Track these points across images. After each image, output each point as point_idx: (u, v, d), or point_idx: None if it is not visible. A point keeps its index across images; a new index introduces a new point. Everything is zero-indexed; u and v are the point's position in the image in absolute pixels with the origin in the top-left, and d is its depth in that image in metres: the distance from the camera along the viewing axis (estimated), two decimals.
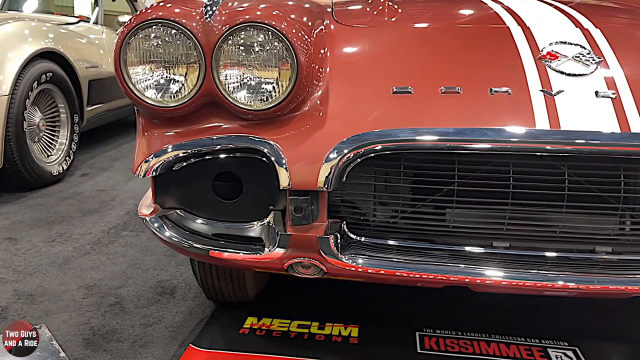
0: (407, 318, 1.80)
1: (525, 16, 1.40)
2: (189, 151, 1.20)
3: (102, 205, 3.02)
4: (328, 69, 1.26)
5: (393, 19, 1.44)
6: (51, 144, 3.53)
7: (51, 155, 3.49)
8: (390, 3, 1.54)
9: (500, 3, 1.53)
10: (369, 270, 1.22)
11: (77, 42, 3.92)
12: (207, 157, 1.26)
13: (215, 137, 1.19)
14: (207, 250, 1.26)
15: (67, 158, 3.58)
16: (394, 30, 1.39)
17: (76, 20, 4.35)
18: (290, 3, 1.35)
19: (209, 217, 1.31)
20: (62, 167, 3.50)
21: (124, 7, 5.24)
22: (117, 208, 2.96)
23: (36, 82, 3.18)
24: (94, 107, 4.09)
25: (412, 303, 1.89)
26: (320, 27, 1.34)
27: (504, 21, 1.38)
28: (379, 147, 1.11)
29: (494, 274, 1.23)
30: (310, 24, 1.31)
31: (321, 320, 1.79)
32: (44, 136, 3.46)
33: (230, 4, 1.19)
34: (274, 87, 1.15)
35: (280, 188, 1.16)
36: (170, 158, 1.21)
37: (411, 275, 1.23)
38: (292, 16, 1.21)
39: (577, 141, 1.09)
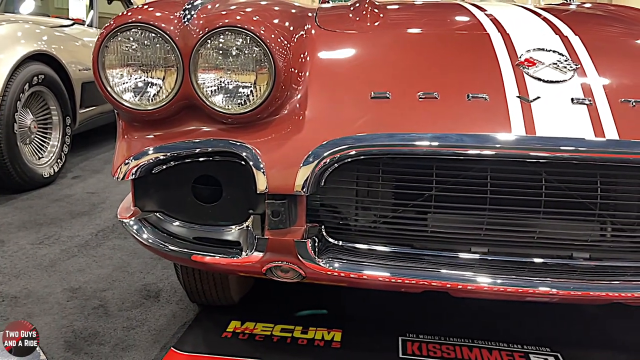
0: (391, 322, 1.80)
1: (506, 23, 1.41)
2: (167, 154, 1.21)
3: (92, 207, 3.02)
4: (307, 73, 1.26)
5: (375, 25, 1.45)
6: (43, 146, 3.52)
7: (42, 157, 3.48)
8: (373, 9, 1.55)
9: (483, 10, 1.54)
10: (347, 275, 1.22)
11: (70, 45, 3.93)
12: (187, 161, 1.27)
13: (193, 141, 1.20)
14: (186, 254, 1.26)
15: (59, 160, 3.57)
16: (374, 35, 1.40)
17: (71, 22, 4.35)
18: (271, 7, 1.36)
19: (188, 220, 1.32)
20: (54, 170, 3.49)
21: (120, 9, 5.25)
22: (107, 210, 2.95)
23: (27, 84, 3.19)
24: (87, 109, 4.09)
25: (396, 307, 1.89)
26: (301, 32, 1.35)
27: (484, 28, 1.39)
28: (353, 152, 1.11)
29: (472, 280, 1.23)
30: (291, 28, 1.32)
31: (305, 325, 1.78)
32: (35, 138, 3.46)
33: (209, 8, 1.20)
34: (251, 91, 1.16)
35: (258, 192, 1.16)
36: (150, 161, 1.22)
37: (389, 280, 1.23)
38: (271, 20, 1.22)
39: (550, 148, 1.09)
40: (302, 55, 1.28)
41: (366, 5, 1.57)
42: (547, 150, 1.09)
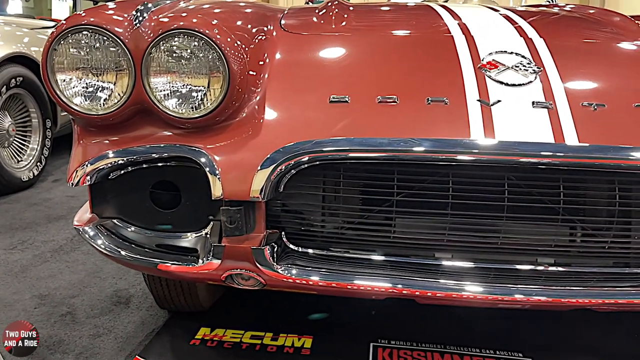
0: (363, 328, 1.78)
1: (472, 25, 1.39)
2: (121, 159, 1.18)
3: (70, 211, 2.98)
4: (267, 76, 1.24)
5: (339, 28, 1.42)
6: (22, 149, 3.48)
7: (21, 160, 3.44)
8: (339, 11, 1.52)
9: (452, 12, 1.52)
10: (307, 282, 1.19)
11: None
12: (143, 166, 1.24)
13: (148, 146, 1.17)
14: (141, 261, 1.23)
15: (39, 163, 3.53)
16: (337, 38, 1.38)
17: (54, 24, 4.31)
18: (229, 9, 1.34)
19: (147, 227, 1.29)
20: (33, 173, 3.45)
21: None
22: None
23: (5, 86, 3.15)
24: None
25: (369, 313, 1.86)
26: (262, 34, 1.33)
27: (449, 30, 1.37)
28: (306, 158, 1.09)
29: (435, 286, 1.21)
30: (252, 30, 1.29)
31: (275, 331, 1.76)
32: (14, 141, 3.42)
33: (162, 10, 1.17)
34: (205, 96, 1.13)
35: (213, 198, 1.13)
36: (104, 166, 1.19)
37: (349, 287, 1.21)
38: (227, 23, 1.19)
39: (506, 152, 1.07)
40: (261, 58, 1.26)
41: (333, 7, 1.55)
42: (503, 155, 1.07)
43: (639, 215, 1.25)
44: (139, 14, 1.13)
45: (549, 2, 2.90)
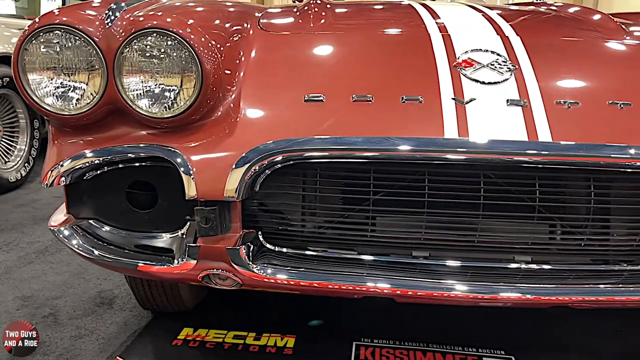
0: (347, 327, 1.78)
1: (449, 24, 1.39)
2: (92, 160, 1.17)
3: None
4: (242, 75, 1.23)
5: (317, 26, 1.42)
6: (9, 150, 3.46)
7: (9, 161, 3.42)
8: (318, 10, 1.52)
9: (431, 10, 1.52)
10: (284, 282, 1.19)
11: None
12: (119, 166, 1.23)
13: (122, 146, 1.16)
14: (118, 262, 1.22)
15: (26, 164, 3.51)
16: (314, 37, 1.37)
17: None
18: (203, 8, 1.33)
19: (124, 227, 1.28)
20: (21, 174, 3.43)
21: None
22: None
23: None
24: None
25: (354, 312, 1.86)
26: (239, 32, 1.32)
27: (427, 29, 1.36)
28: (279, 157, 1.09)
29: (412, 285, 1.20)
30: (227, 28, 1.29)
31: (259, 331, 1.76)
32: (1, 142, 3.40)
33: (134, 9, 1.16)
34: (178, 95, 1.13)
35: (187, 198, 1.13)
36: (77, 167, 1.18)
37: (327, 287, 1.20)
38: (201, 22, 1.19)
39: (478, 150, 1.07)
40: (237, 57, 1.26)
41: (312, 7, 1.55)
42: (476, 153, 1.07)
43: (616, 213, 1.25)
44: (110, 13, 1.13)
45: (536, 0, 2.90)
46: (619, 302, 1.22)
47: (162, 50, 1.11)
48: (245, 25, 1.37)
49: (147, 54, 1.11)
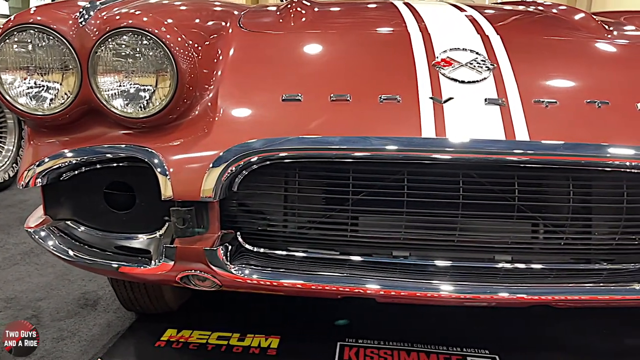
0: (332, 327, 1.77)
1: (430, 23, 1.38)
2: (68, 161, 1.16)
3: None
4: (220, 74, 1.22)
5: (297, 26, 1.41)
6: None
7: None
8: (299, 9, 1.51)
9: (413, 10, 1.52)
10: (260, 282, 1.18)
11: None
12: (97, 167, 1.22)
13: (98, 146, 1.15)
14: (94, 263, 1.21)
15: (14, 165, 3.49)
16: (293, 37, 1.36)
17: None
18: (179, 7, 1.32)
19: (101, 228, 1.27)
20: (8, 174, 3.41)
21: None
22: None
23: None
24: None
25: (339, 311, 1.86)
26: (218, 31, 1.31)
27: (407, 28, 1.36)
28: (255, 158, 1.08)
29: (391, 285, 1.20)
30: (205, 27, 1.28)
31: (243, 332, 1.75)
32: None
33: (108, 8, 1.15)
34: (152, 95, 1.12)
35: (162, 199, 1.12)
36: (51, 167, 1.17)
37: (305, 287, 1.19)
38: (177, 21, 1.17)
39: (455, 150, 1.07)
40: (215, 55, 1.25)
41: (293, 6, 1.54)
42: (453, 152, 1.07)
43: (596, 212, 1.25)
44: (84, 12, 1.12)
45: None
46: (599, 301, 1.22)
47: (137, 49, 1.10)
48: (225, 24, 1.36)
49: (122, 54, 1.10)
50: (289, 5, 1.57)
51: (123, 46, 1.10)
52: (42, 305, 1.91)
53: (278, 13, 1.51)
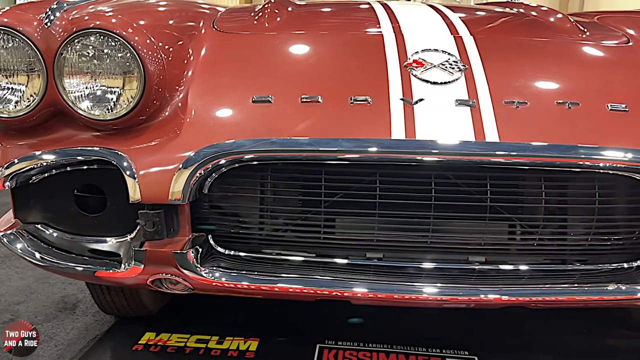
0: (312, 329, 1.76)
1: (404, 24, 1.38)
2: (34, 164, 1.15)
3: None
4: (191, 74, 1.21)
5: (271, 27, 1.40)
6: None
7: None
8: (274, 10, 1.50)
9: (389, 11, 1.51)
10: (231, 285, 1.17)
11: None
12: (66, 169, 1.21)
13: (65, 149, 1.14)
14: (62, 266, 1.20)
15: None
16: (266, 38, 1.35)
17: None
18: (148, 8, 1.31)
19: (72, 231, 1.26)
20: None
21: None
22: None
23: None
24: None
25: (319, 313, 1.85)
26: (190, 31, 1.30)
27: (380, 28, 1.35)
28: (223, 160, 1.07)
29: (365, 287, 1.19)
30: (176, 28, 1.27)
31: (222, 334, 1.74)
32: None
33: (74, 10, 1.14)
34: (119, 97, 1.11)
35: (130, 201, 1.11)
36: (19, 170, 1.16)
37: (277, 289, 1.19)
38: (145, 22, 1.16)
39: (423, 151, 1.06)
40: (186, 56, 1.24)
41: (269, 6, 1.53)
42: (420, 154, 1.06)
43: (568, 212, 1.25)
44: (50, 13, 1.10)
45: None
46: (573, 302, 1.22)
47: (104, 51, 1.09)
48: (199, 24, 1.35)
49: (88, 55, 1.09)
50: (265, 6, 1.57)
51: (90, 47, 1.09)
52: (21, 309, 1.90)
53: (253, 14, 1.50)
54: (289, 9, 1.54)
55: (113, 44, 1.08)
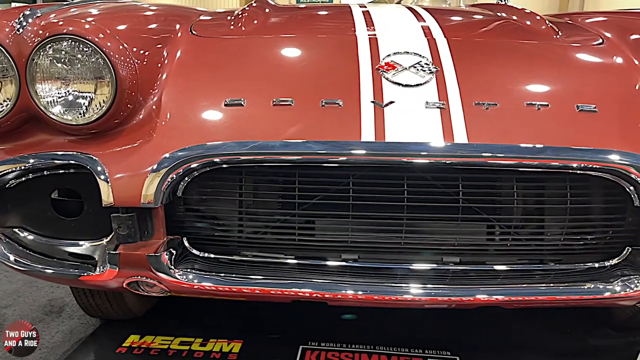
0: (295, 331, 1.77)
1: (379, 26, 1.39)
2: (10, 168, 1.16)
3: None
4: (165, 78, 1.23)
5: (247, 31, 1.41)
6: None
7: None
8: (251, 14, 1.51)
9: (366, 13, 1.52)
10: (207, 288, 1.18)
11: None
12: (43, 173, 1.22)
13: (35, 154, 1.15)
14: (34, 269, 1.22)
15: None
16: (241, 41, 1.37)
17: None
18: (121, 13, 1.32)
19: (51, 235, 1.27)
20: None
21: None
22: None
23: None
24: None
25: (303, 315, 1.86)
26: (166, 35, 1.32)
27: (355, 32, 1.36)
28: (195, 164, 1.08)
29: (339, 288, 1.20)
30: (151, 32, 1.28)
31: (206, 337, 1.74)
32: None
33: (47, 16, 1.15)
34: (91, 101, 1.12)
35: (103, 205, 1.12)
36: None
37: (253, 292, 1.20)
38: (117, 27, 1.18)
39: (389, 153, 1.08)
40: (161, 60, 1.25)
41: (248, 9, 1.54)
42: (387, 155, 1.08)
43: (541, 213, 1.26)
44: (22, 19, 1.12)
45: (499, 1, 2.91)
46: (546, 302, 1.23)
47: (75, 56, 1.10)
48: (176, 28, 1.36)
49: (60, 60, 1.10)
50: (244, 10, 1.58)
51: (63, 53, 1.10)
52: (7, 312, 1.91)
53: (231, 18, 1.52)
54: (268, 12, 1.56)
55: (85, 49, 1.10)
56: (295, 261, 1.25)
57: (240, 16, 1.51)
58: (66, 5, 1.30)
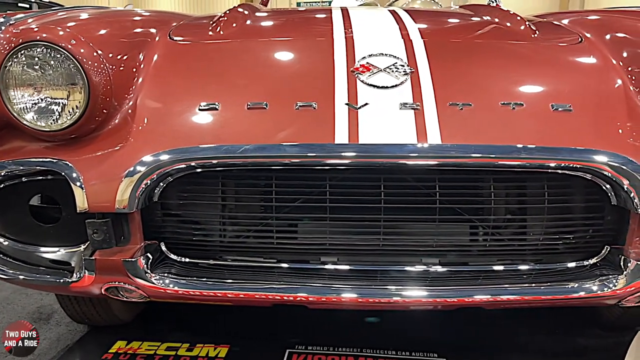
0: (282, 334, 1.76)
1: (357, 29, 1.39)
2: None
3: None
4: (141, 82, 1.23)
5: (225, 35, 1.41)
6: None
7: None
8: (230, 18, 1.52)
9: (345, 16, 1.52)
10: (185, 292, 1.18)
11: None
12: (21, 180, 1.22)
13: (12, 160, 1.16)
14: (12, 275, 1.21)
15: None
16: (217, 45, 1.37)
17: None
18: (96, 19, 1.33)
19: (29, 242, 1.27)
20: None
21: None
22: None
23: None
24: None
25: (289, 319, 1.85)
26: (142, 40, 1.32)
27: (332, 34, 1.36)
28: (169, 169, 1.08)
29: (320, 291, 1.20)
30: (126, 37, 1.29)
31: (192, 342, 1.74)
32: None
33: (20, 23, 1.16)
34: (64, 108, 1.12)
35: (78, 211, 1.12)
36: None
37: (232, 296, 1.19)
38: (92, 32, 1.18)
39: (363, 155, 1.08)
40: (136, 65, 1.25)
41: (227, 14, 1.55)
42: (361, 157, 1.07)
43: (519, 212, 1.26)
44: None
45: (490, 2, 2.91)
46: (526, 302, 1.23)
47: (47, 63, 1.10)
48: (153, 33, 1.37)
49: (32, 67, 1.10)
50: (224, 14, 1.58)
51: (35, 59, 1.10)
52: None
53: (210, 22, 1.52)
54: (247, 15, 1.56)
55: (57, 56, 1.10)
56: (274, 265, 1.25)
57: (220, 20, 1.51)
58: (55, 9, 1.31)
